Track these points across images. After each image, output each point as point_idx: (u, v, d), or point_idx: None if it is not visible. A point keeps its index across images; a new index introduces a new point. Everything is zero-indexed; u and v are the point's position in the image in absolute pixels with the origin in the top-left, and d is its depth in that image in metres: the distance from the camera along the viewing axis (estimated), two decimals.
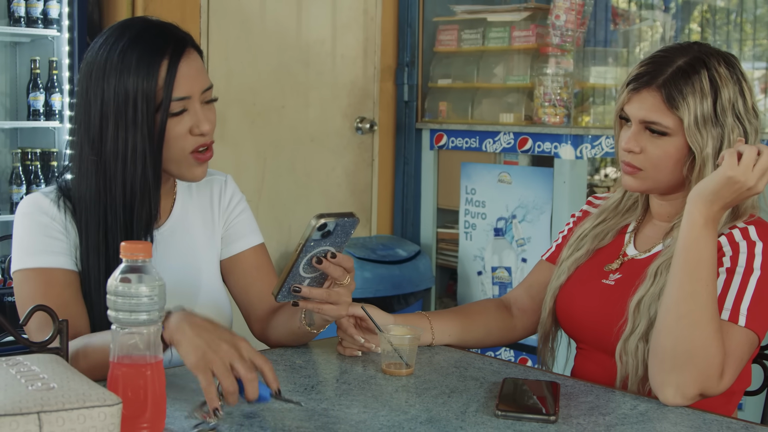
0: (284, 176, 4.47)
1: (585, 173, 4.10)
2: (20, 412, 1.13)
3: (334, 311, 1.69)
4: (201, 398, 1.44)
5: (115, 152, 1.76)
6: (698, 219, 1.61)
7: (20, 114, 4.05)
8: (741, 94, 1.75)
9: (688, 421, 1.52)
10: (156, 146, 1.77)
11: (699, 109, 1.72)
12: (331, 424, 1.43)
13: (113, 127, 1.76)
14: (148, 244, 1.34)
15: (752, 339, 1.65)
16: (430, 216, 4.72)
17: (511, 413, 1.48)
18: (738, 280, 1.67)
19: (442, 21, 4.69)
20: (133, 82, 1.74)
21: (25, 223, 1.81)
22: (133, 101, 1.74)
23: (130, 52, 1.76)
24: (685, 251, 1.62)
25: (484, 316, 2.02)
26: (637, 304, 1.74)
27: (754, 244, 1.70)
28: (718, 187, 1.59)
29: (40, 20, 3.87)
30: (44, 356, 1.35)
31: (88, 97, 1.78)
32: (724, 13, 5.15)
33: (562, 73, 4.17)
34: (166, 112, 1.76)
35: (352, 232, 1.61)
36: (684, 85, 1.73)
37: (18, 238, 1.81)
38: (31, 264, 1.78)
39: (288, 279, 1.61)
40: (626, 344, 1.74)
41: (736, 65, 1.78)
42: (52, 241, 1.79)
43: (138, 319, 1.31)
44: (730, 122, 1.73)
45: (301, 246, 1.56)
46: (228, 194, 2.01)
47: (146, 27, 1.81)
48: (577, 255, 1.94)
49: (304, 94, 4.54)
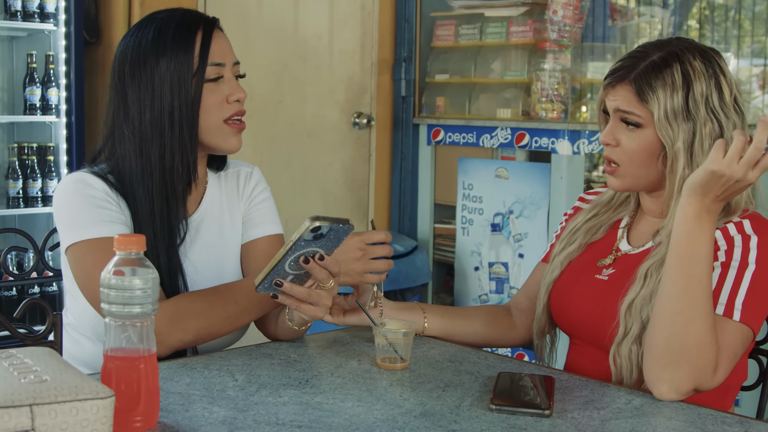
0: (281, 171, 4.46)
1: (582, 169, 4.09)
2: (12, 405, 1.13)
3: (312, 311, 1.69)
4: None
5: (153, 122, 1.83)
6: (689, 212, 1.60)
7: (17, 108, 4.04)
8: (717, 88, 1.74)
9: (682, 415, 1.51)
10: (193, 111, 1.84)
11: (669, 103, 1.72)
12: (325, 418, 1.42)
13: (150, 100, 1.83)
14: (141, 237, 1.33)
15: (747, 333, 1.64)
16: (427, 211, 4.71)
17: (506, 407, 1.48)
18: (733, 275, 1.66)
19: (439, 16, 4.69)
20: (170, 57, 1.82)
21: (73, 198, 1.82)
22: (170, 73, 1.82)
23: (163, 33, 1.84)
24: (678, 245, 1.61)
25: (480, 311, 2.04)
26: (629, 306, 1.74)
27: (749, 238, 1.69)
28: (704, 180, 1.57)
29: (37, 14, 3.87)
30: (37, 349, 1.34)
31: (124, 85, 1.85)
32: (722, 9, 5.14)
33: (560, 68, 4.17)
34: (202, 77, 1.84)
35: (344, 239, 1.63)
36: (654, 78, 1.73)
37: (67, 214, 1.82)
38: (90, 235, 1.78)
39: (272, 272, 1.61)
40: (619, 348, 1.73)
41: (715, 59, 1.77)
42: (105, 212, 1.81)
43: (131, 311, 1.31)
44: (702, 116, 1.72)
45: (292, 243, 1.57)
46: (252, 183, 2.07)
47: (174, 11, 1.91)
48: (569, 249, 1.94)
49: (301, 89, 4.53)
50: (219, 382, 1.59)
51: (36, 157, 3.94)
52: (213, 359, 1.74)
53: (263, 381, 1.61)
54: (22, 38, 4.08)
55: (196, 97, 1.84)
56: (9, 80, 4.09)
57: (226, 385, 1.58)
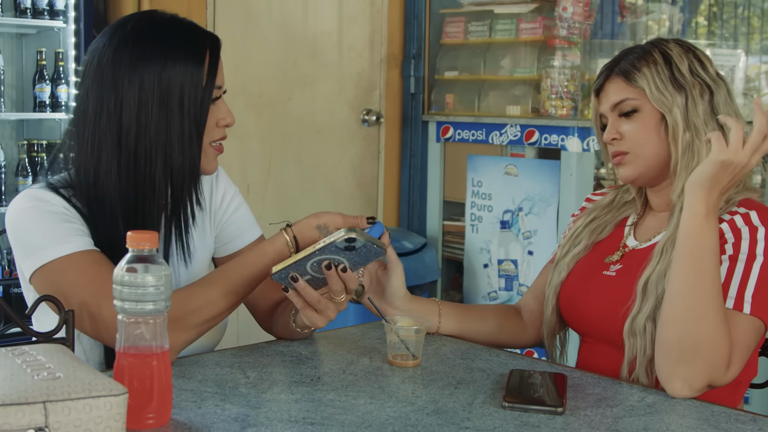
0: (290, 168, 4.46)
1: (592, 166, 4.09)
2: (26, 402, 1.13)
3: (314, 318, 1.68)
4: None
5: (157, 138, 1.72)
6: (700, 209, 1.60)
7: (26, 105, 4.05)
8: (698, 60, 1.83)
9: (696, 413, 1.51)
10: (201, 131, 1.76)
11: (657, 77, 1.80)
12: (337, 415, 1.42)
13: (156, 112, 1.71)
14: (154, 234, 1.33)
15: (758, 326, 1.64)
16: (437, 208, 4.71)
17: (518, 405, 1.47)
18: (741, 268, 1.66)
19: (448, 13, 4.68)
20: (181, 68, 1.71)
21: (33, 217, 1.69)
22: (180, 85, 1.72)
23: (173, 39, 1.73)
24: (689, 243, 1.61)
25: (494, 311, 2.04)
26: (645, 283, 1.74)
27: (756, 230, 1.69)
28: (714, 172, 1.58)
29: (46, 12, 3.87)
30: (50, 346, 1.34)
31: (115, 83, 1.71)
32: (731, 6, 5.13)
33: (569, 65, 4.16)
34: (209, 98, 1.76)
35: (373, 260, 1.64)
36: (638, 62, 1.82)
37: (27, 235, 1.69)
38: (62, 252, 1.66)
39: (293, 265, 1.60)
40: (634, 323, 1.73)
41: (689, 45, 1.86)
42: (72, 225, 1.70)
43: (144, 308, 1.31)
44: (690, 81, 1.80)
45: (323, 245, 1.56)
46: (221, 191, 1.97)
47: (175, 17, 1.79)
48: (575, 251, 1.95)
49: (311, 86, 4.53)
50: (231, 379, 1.59)
51: (45, 154, 3.95)
52: (225, 356, 1.74)
53: (275, 378, 1.61)
54: (32, 35, 4.09)
55: (204, 118, 1.76)
56: (19, 77, 4.09)
57: (238, 382, 1.58)
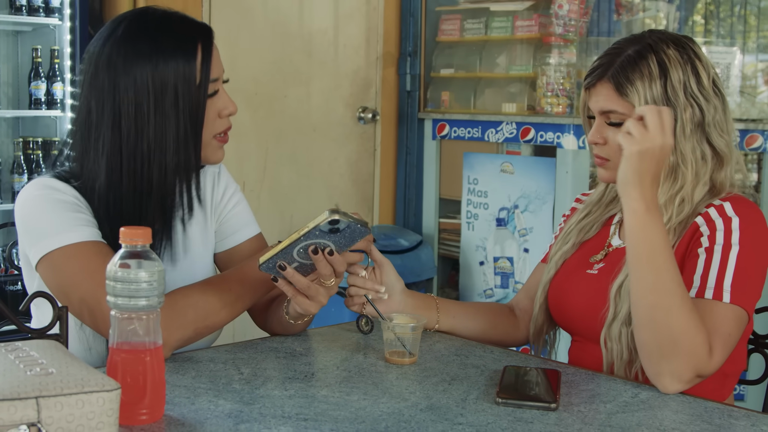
0: (286, 166, 4.46)
1: (588, 163, 4.09)
2: (18, 397, 1.13)
3: (306, 305, 1.68)
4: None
5: (155, 139, 1.72)
6: (638, 206, 1.61)
7: (22, 103, 4.04)
8: (694, 73, 1.76)
9: (689, 409, 1.51)
10: (198, 128, 1.75)
11: (649, 94, 1.74)
12: (331, 411, 1.42)
13: (152, 113, 1.72)
14: (148, 230, 1.33)
15: (739, 314, 1.64)
16: (432, 206, 4.71)
17: (512, 401, 1.48)
18: (718, 258, 1.67)
19: (444, 10, 4.68)
20: (172, 66, 1.72)
21: (43, 205, 1.70)
22: (173, 85, 1.72)
23: (162, 37, 1.73)
24: (638, 243, 1.62)
25: (487, 308, 2.05)
26: (618, 289, 1.75)
27: (730, 220, 1.70)
28: (635, 166, 1.60)
29: (42, 9, 3.87)
30: (43, 342, 1.34)
31: (112, 87, 1.72)
32: (728, 4, 5.12)
33: (565, 63, 4.16)
34: (205, 93, 1.75)
35: (358, 240, 1.62)
36: (632, 72, 1.75)
37: (37, 222, 1.70)
38: (69, 240, 1.66)
39: (279, 254, 1.60)
40: (610, 330, 1.74)
41: (688, 46, 1.79)
42: (81, 215, 1.70)
43: (137, 304, 1.31)
44: (682, 102, 1.74)
45: (307, 230, 1.56)
46: (222, 186, 1.98)
47: (166, 14, 1.79)
48: (564, 249, 1.96)
49: (306, 84, 4.53)
50: (225, 375, 1.59)
51: (41, 151, 3.94)
52: (219, 352, 1.74)
53: (269, 374, 1.61)
54: (27, 33, 4.08)
55: (201, 114, 1.76)
56: (14, 75, 4.09)
57: (232, 378, 1.58)
